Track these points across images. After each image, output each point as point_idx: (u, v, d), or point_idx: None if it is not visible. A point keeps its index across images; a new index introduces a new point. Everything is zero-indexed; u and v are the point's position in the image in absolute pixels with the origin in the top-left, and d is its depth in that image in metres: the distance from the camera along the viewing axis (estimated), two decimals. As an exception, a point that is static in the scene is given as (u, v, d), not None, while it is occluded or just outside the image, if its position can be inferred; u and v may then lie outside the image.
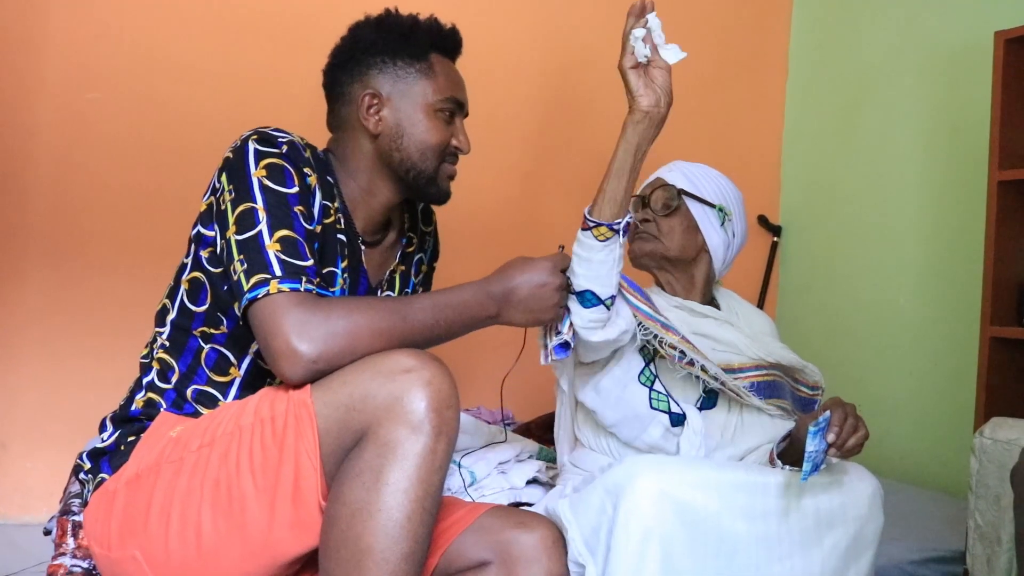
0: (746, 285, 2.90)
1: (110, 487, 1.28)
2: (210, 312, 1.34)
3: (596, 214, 1.42)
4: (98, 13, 2.16)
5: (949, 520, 2.02)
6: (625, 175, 1.41)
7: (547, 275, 1.38)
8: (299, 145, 1.35)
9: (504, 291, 1.35)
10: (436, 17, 1.48)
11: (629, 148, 1.41)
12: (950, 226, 2.47)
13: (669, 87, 1.42)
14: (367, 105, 1.41)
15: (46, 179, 2.14)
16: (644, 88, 1.40)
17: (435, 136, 1.43)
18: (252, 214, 1.25)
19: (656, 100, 1.40)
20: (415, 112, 1.42)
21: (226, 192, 1.29)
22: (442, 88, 1.44)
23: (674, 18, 2.81)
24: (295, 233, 1.26)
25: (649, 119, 1.41)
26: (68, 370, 2.16)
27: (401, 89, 1.42)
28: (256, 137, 1.32)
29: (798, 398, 1.70)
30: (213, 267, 1.33)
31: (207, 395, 1.35)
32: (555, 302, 1.39)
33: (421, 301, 1.29)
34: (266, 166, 1.29)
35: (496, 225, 2.57)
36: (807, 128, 2.97)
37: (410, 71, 1.42)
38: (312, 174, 1.34)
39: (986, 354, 2.05)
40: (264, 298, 1.21)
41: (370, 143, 1.43)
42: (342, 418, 1.16)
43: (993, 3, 2.36)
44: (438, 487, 1.15)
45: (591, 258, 1.41)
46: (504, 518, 1.35)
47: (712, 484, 1.37)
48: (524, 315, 1.37)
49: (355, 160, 1.44)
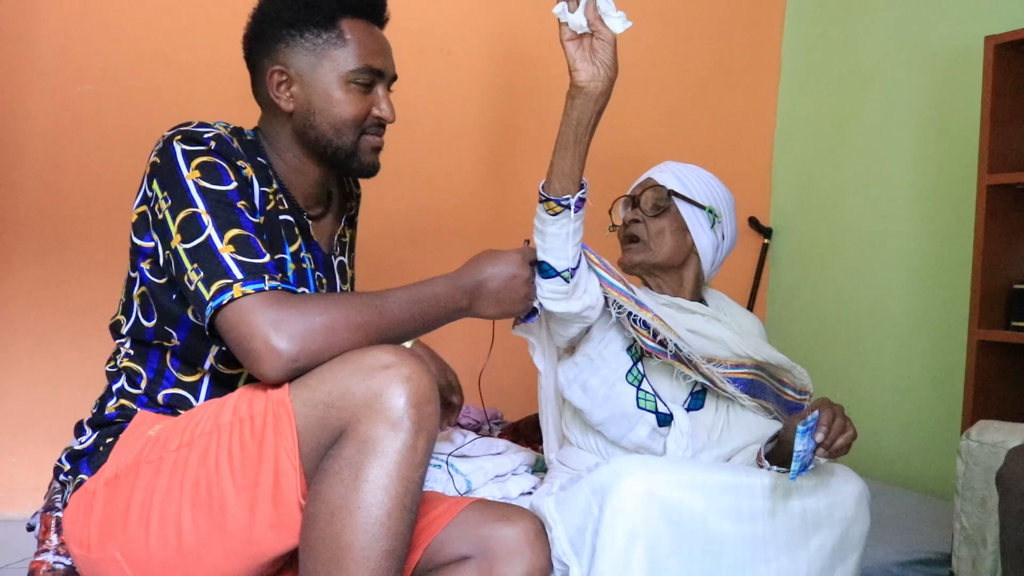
0: (736, 287, 2.90)
1: (89, 487, 1.27)
2: (158, 326, 1.32)
3: (547, 189, 1.42)
4: (90, 6, 2.15)
5: (935, 522, 2.03)
6: (569, 149, 1.39)
7: (516, 267, 1.39)
8: (226, 137, 1.30)
9: (475, 284, 1.36)
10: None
11: (570, 123, 1.38)
12: (940, 229, 2.48)
13: (612, 60, 1.37)
14: (276, 83, 1.36)
15: (37, 172, 2.13)
16: (581, 62, 1.36)
17: (349, 109, 1.36)
18: (196, 219, 1.22)
19: (593, 74, 1.36)
20: (327, 86, 1.35)
21: (160, 200, 1.24)
22: (355, 57, 1.35)
23: (667, 19, 2.86)
24: (245, 230, 1.23)
25: (585, 94, 1.37)
26: (56, 366, 2.15)
27: (310, 62, 1.35)
28: (180, 137, 1.27)
29: (784, 401, 1.70)
30: (156, 278, 1.30)
31: (179, 397, 1.33)
32: (524, 294, 1.40)
33: (395, 295, 1.28)
34: (198, 166, 1.24)
35: (462, 218, 2.57)
36: (799, 131, 2.98)
37: (318, 42, 1.34)
38: (246, 165, 1.30)
39: (974, 357, 2.06)
40: (230, 304, 1.18)
41: (287, 120, 1.38)
42: (321, 416, 1.14)
43: (984, 8, 2.37)
44: (418, 484, 1.14)
45: (544, 231, 1.43)
46: (486, 512, 1.35)
47: (698, 484, 1.37)
48: (495, 307, 1.38)
49: (279, 138, 1.40)
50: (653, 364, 1.58)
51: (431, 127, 2.50)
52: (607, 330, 1.59)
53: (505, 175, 2.63)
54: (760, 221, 2.99)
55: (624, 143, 2.70)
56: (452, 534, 1.33)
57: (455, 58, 2.54)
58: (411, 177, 2.43)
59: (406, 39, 2.49)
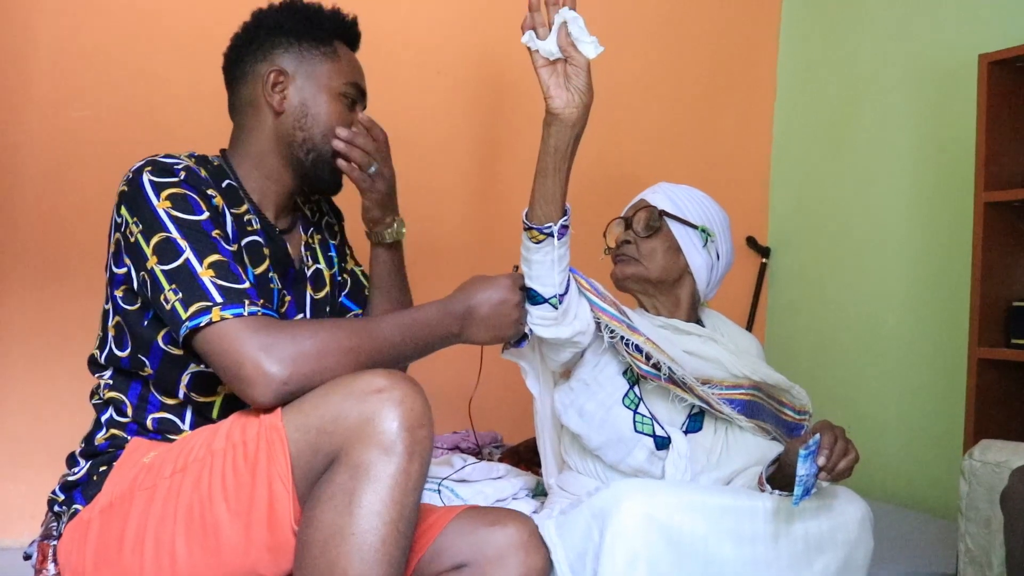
0: (735, 306, 2.90)
1: (84, 517, 1.26)
2: (132, 355, 1.32)
3: (529, 217, 1.43)
4: (86, 31, 2.16)
5: (939, 543, 2.01)
6: (549, 177, 1.39)
7: (506, 292, 1.39)
8: (194, 169, 1.32)
9: (465, 309, 1.37)
10: (338, 8, 1.49)
11: (548, 150, 1.38)
12: (938, 247, 2.48)
13: (587, 85, 1.36)
14: (272, 82, 1.40)
15: (34, 196, 2.13)
16: (556, 88, 1.35)
17: (337, 119, 1.42)
18: (171, 243, 1.22)
19: (568, 100, 1.35)
20: (319, 93, 1.42)
21: (131, 225, 1.25)
22: (346, 73, 1.44)
23: (661, 38, 2.88)
24: (223, 256, 1.24)
25: (561, 121, 1.36)
26: (54, 392, 2.14)
27: (307, 69, 1.42)
28: (150, 168, 1.28)
29: (783, 422, 1.69)
30: (128, 305, 1.30)
31: (167, 421, 1.33)
32: (515, 318, 1.41)
33: (387, 320, 1.30)
34: (168, 196, 1.25)
35: (455, 237, 2.56)
36: (795, 149, 2.98)
37: (315, 52, 1.42)
38: (216, 193, 1.32)
39: (974, 376, 2.05)
40: (209, 327, 1.18)
41: (272, 121, 1.41)
42: (314, 440, 1.14)
43: (977, 26, 2.38)
44: (412, 508, 1.13)
45: (530, 259, 1.43)
46: (478, 517, 1.34)
47: (699, 507, 1.36)
48: (486, 332, 1.39)
49: (258, 143, 1.42)
50: (650, 387, 1.57)
51: (424, 146, 2.50)
52: (601, 354, 1.58)
53: (499, 195, 2.63)
54: (758, 240, 2.99)
55: (620, 163, 2.71)
56: (445, 543, 1.33)
57: (449, 79, 2.55)
58: (403, 195, 2.43)
59: (401, 60, 2.52)
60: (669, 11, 2.87)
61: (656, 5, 2.85)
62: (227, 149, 1.46)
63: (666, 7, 2.87)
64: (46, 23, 2.13)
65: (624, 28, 2.80)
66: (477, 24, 2.59)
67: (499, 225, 2.59)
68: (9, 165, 2.11)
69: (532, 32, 1.36)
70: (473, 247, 2.59)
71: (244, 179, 1.42)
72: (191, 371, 1.30)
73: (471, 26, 2.59)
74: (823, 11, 2.91)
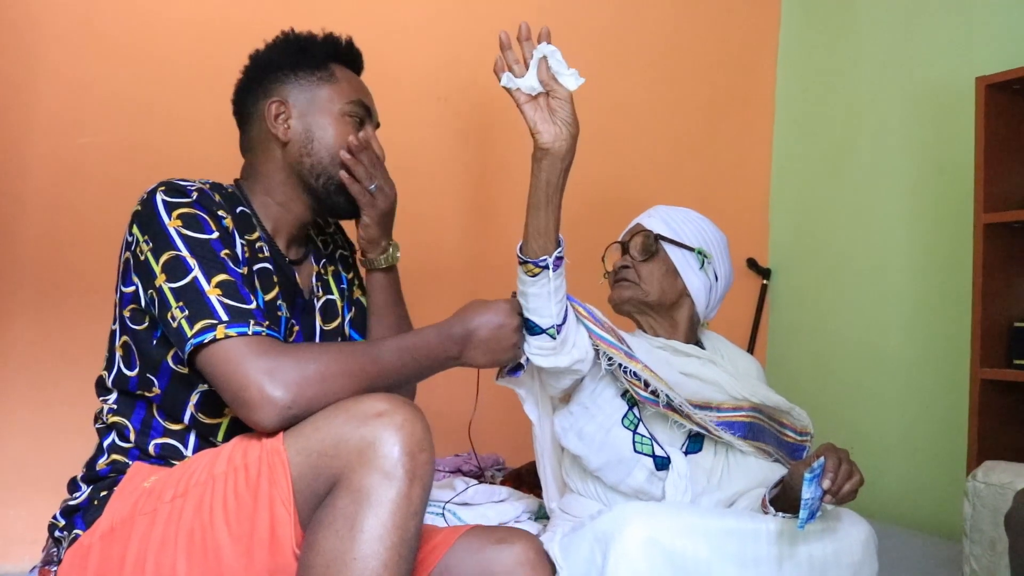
0: (736, 327, 2.90)
1: (84, 542, 1.26)
2: (141, 375, 1.32)
3: (524, 251, 1.43)
4: (90, 59, 2.18)
5: (944, 564, 2.00)
6: (541, 210, 1.39)
7: (504, 317, 1.40)
8: (207, 192, 1.34)
9: (464, 332, 1.37)
10: (331, 32, 1.50)
11: (539, 184, 1.38)
12: (939, 268, 2.48)
13: (572, 116, 1.36)
14: (274, 113, 1.42)
15: (37, 223, 2.14)
16: (542, 123, 1.36)
17: (343, 141, 1.43)
18: (180, 262, 1.24)
19: (556, 134, 1.36)
20: (321, 116, 1.43)
21: (142, 243, 1.27)
22: (346, 92, 1.45)
23: (660, 62, 2.90)
24: (231, 276, 1.25)
25: (551, 155, 1.36)
26: (54, 415, 2.14)
27: (307, 96, 1.43)
28: (164, 188, 1.31)
29: (784, 443, 1.68)
30: (136, 325, 1.31)
31: (169, 446, 1.33)
32: (513, 342, 1.41)
33: (388, 344, 1.31)
34: (179, 216, 1.27)
35: (454, 261, 2.57)
36: (794, 171, 3.00)
37: (312, 79, 1.44)
38: (227, 216, 1.33)
39: (976, 396, 2.05)
40: (213, 344, 1.19)
41: (281, 152, 1.43)
42: (315, 464, 1.14)
43: (974, 49, 2.40)
44: (414, 533, 1.13)
45: (526, 291, 1.44)
46: (484, 537, 1.34)
47: (701, 531, 1.36)
48: (484, 356, 1.39)
49: (269, 175, 1.43)
50: (649, 412, 1.57)
51: (426, 172, 2.52)
52: (599, 379, 1.58)
53: (498, 220, 2.64)
54: (758, 262, 3.00)
55: (619, 186, 2.72)
56: (452, 562, 1.33)
57: (450, 105, 2.57)
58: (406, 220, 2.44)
59: (402, 86, 2.53)
60: (669, 36, 2.89)
61: (656, 30, 2.87)
62: (240, 180, 1.47)
63: (666, 32, 2.89)
64: (50, 51, 2.15)
65: (624, 53, 2.82)
66: (479, 53, 2.60)
67: (503, 247, 2.60)
68: (11, 191, 2.12)
69: (508, 72, 1.37)
70: (469, 271, 2.59)
71: (258, 208, 1.43)
72: (200, 390, 1.31)
73: (474, 51, 2.61)
74: (821, 35, 2.93)
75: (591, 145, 2.78)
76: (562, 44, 1.39)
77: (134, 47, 2.22)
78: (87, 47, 2.18)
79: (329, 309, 1.51)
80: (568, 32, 2.80)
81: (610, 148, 2.74)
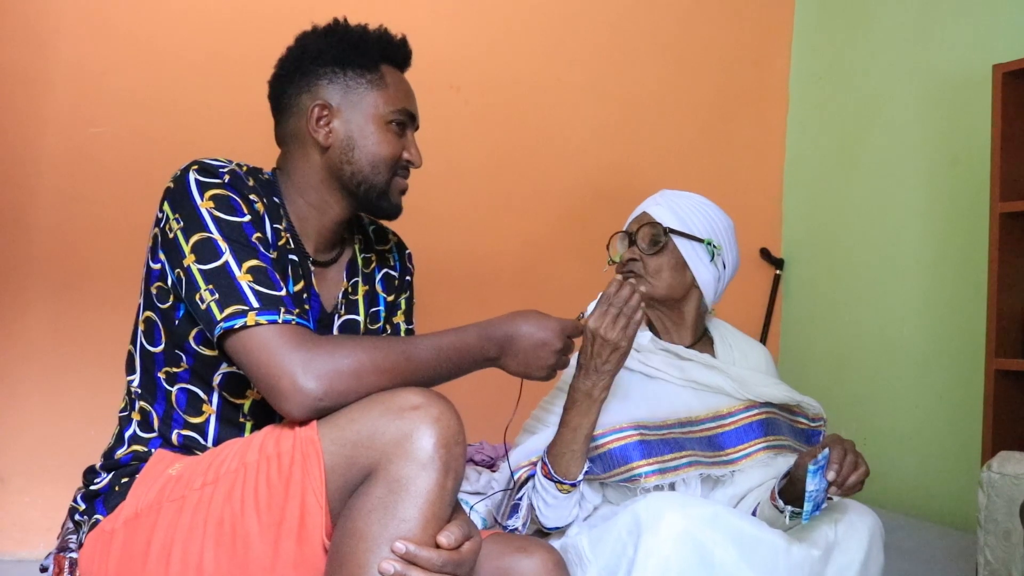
0: (749, 318, 2.89)
1: (107, 527, 1.26)
2: (168, 351, 1.32)
3: (556, 471, 1.48)
4: (102, 51, 2.19)
5: (958, 555, 1.99)
6: (580, 431, 1.47)
7: (551, 335, 1.36)
8: (240, 174, 1.32)
9: (506, 336, 1.35)
10: (386, 28, 1.44)
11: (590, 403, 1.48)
12: (953, 257, 2.46)
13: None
14: (316, 117, 1.37)
15: (49, 213, 2.16)
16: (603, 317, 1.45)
17: (387, 148, 1.39)
18: (211, 244, 1.23)
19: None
20: (366, 124, 1.38)
21: (172, 220, 1.26)
22: (393, 99, 1.40)
23: (674, 54, 2.89)
24: (262, 262, 1.24)
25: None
26: (69, 404, 2.16)
27: (352, 100, 1.38)
28: (197, 168, 1.29)
29: (799, 431, 1.67)
30: (162, 302, 1.30)
31: (190, 439, 1.33)
32: (550, 364, 1.38)
33: (424, 341, 1.29)
34: (212, 197, 1.26)
35: (465, 254, 2.56)
36: (808, 161, 2.98)
37: (361, 82, 1.38)
38: (258, 200, 1.31)
39: (991, 387, 2.04)
40: (244, 330, 1.19)
41: (319, 156, 1.39)
42: (349, 455, 1.15)
43: (991, 36, 2.38)
44: (446, 522, 1.15)
45: (547, 501, 1.49)
46: (504, 544, 1.34)
47: (733, 533, 1.35)
48: (518, 366, 1.37)
49: (304, 176, 1.40)
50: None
51: (441, 162, 2.51)
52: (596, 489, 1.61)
53: (513, 211, 2.64)
54: (772, 252, 2.98)
55: (633, 176, 2.71)
56: None
57: (464, 94, 2.57)
58: (418, 212, 2.44)
59: (416, 76, 2.52)
60: (682, 26, 2.88)
61: (669, 21, 2.86)
62: (276, 169, 1.44)
63: (679, 23, 2.88)
64: (63, 43, 2.15)
65: (638, 44, 2.81)
66: (496, 44, 2.60)
67: (516, 238, 2.60)
68: (24, 181, 2.13)
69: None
70: (488, 260, 2.59)
71: (288, 204, 1.41)
72: (223, 371, 1.31)
73: (488, 40, 2.61)
74: (835, 24, 2.91)
75: (604, 135, 2.79)
76: (576, 35, 1.38)
77: (147, 39, 2.23)
78: (99, 39, 2.18)
79: (349, 328, 1.47)
80: (583, 23, 2.81)
81: (623, 139, 2.73)
